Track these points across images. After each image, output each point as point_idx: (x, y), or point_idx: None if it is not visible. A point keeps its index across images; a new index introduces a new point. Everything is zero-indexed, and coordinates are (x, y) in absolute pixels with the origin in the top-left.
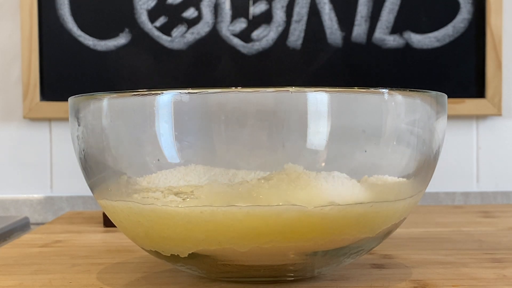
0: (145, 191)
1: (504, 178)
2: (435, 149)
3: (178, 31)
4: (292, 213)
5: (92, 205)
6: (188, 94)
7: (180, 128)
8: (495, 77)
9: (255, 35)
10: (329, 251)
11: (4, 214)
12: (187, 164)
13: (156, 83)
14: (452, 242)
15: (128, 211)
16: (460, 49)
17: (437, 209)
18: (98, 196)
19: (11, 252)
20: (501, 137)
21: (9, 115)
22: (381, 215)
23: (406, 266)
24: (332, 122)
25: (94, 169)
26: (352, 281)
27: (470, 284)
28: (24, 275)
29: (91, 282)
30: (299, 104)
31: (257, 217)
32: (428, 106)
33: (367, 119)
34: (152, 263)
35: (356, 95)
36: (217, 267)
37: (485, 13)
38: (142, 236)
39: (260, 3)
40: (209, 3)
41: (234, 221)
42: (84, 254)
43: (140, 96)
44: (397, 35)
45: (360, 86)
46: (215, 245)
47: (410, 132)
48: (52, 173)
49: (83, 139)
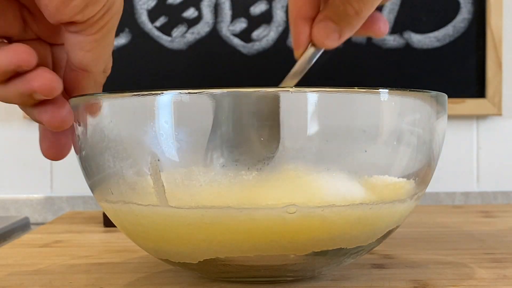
0: (145, 192)
1: (504, 178)
2: (435, 149)
3: (178, 31)
4: (292, 214)
5: (92, 205)
6: (188, 94)
7: (180, 128)
8: (495, 77)
9: (255, 35)
10: (329, 251)
11: (4, 214)
12: (188, 165)
13: (156, 83)
14: (452, 242)
15: (128, 212)
16: (460, 49)
17: (437, 209)
18: (98, 197)
19: (11, 252)
20: (501, 137)
21: (9, 115)
22: (381, 216)
23: (406, 266)
24: (332, 122)
25: (94, 169)
26: (352, 281)
27: (470, 284)
28: (24, 275)
29: (91, 282)
30: (299, 104)
31: (256, 218)
32: (428, 106)
33: (367, 119)
34: (152, 263)
35: (356, 95)
36: (217, 267)
37: (485, 13)
38: (143, 237)
39: (260, 3)
40: (209, 3)
41: (234, 222)
42: (84, 254)
43: (140, 96)
44: (397, 35)
45: (360, 86)
46: (216, 245)
47: (411, 132)
48: (52, 173)
49: (83, 139)
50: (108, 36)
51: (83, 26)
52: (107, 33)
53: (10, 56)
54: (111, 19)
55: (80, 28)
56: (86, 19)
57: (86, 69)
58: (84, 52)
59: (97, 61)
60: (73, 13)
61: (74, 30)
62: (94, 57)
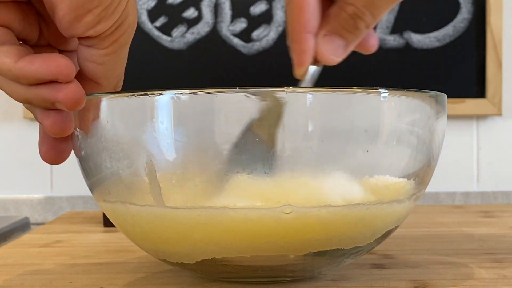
0: (142, 192)
1: (504, 178)
2: (435, 149)
3: (178, 31)
4: (288, 214)
5: (92, 205)
6: (188, 94)
7: (180, 128)
8: (495, 77)
9: (255, 35)
10: (327, 252)
11: (4, 214)
12: (186, 165)
13: (156, 83)
14: (452, 242)
15: (125, 212)
16: (460, 49)
17: (437, 209)
18: (97, 197)
19: (11, 252)
20: (501, 137)
21: (9, 115)
22: (379, 216)
23: (406, 266)
24: (331, 122)
25: (93, 169)
26: (352, 281)
27: (470, 284)
28: (24, 275)
29: (91, 282)
30: (298, 104)
31: (253, 218)
32: (428, 106)
33: (367, 119)
34: (152, 263)
35: (355, 95)
36: (216, 267)
37: (485, 13)
38: (141, 237)
39: (260, 3)
40: (209, 3)
41: (232, 222)
42: (84, 254)
43: (139, 96)
44: (397, 35)
45: (360, 86)
46: (212, 246)
47: (410, 132)
48: (52, 173)
49: (82, 139)
50: (121, 51)
51: (95, 41)
52: (119, 48)
53: (50, 66)
54: (124, 34)
55: (92, 43)
56: (98, 34)
57: (97, 81)
58: (96, 65)
59: (108, 75)
60: (85, 28)
61: (86, 44)
62: (105, 70)
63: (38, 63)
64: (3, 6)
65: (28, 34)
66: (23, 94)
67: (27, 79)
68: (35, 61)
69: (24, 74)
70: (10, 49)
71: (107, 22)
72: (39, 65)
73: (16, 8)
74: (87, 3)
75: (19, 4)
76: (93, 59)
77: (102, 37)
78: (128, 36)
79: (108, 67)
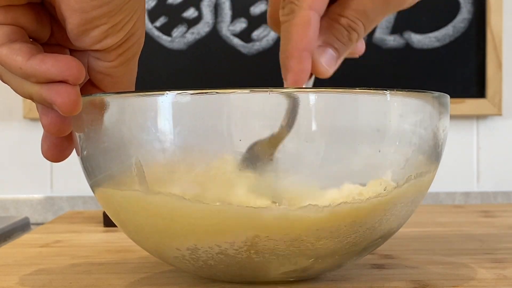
0: (145, 192)
1: (504, 178)
2: (437, 150)
3: (178, 31)
4: (289, 214)
5: (92, 205)
6: (188, 95)
7: (181, 128)
8: (495, 77)
9: (255, 35)
10: (328, 252)
11: (4, 214)
12: (187, 165)
13: (156, 83)
14: (452, 242)
15: (126, 213)
16: (460, 49)
17: (437, 209)
18: (98, 197)
19: (11, 252)
20: (501, 137)
21: (9, 115)
22: (381, 216)
23: (406, 266)
24: (333, 123)
25: (95, 169)
26: (352, 281)
27: (470, 284)
28: (24, 275)
29: (91, 282)
30: (299, 104)
31: (253, 218)
32: (430, 106)
33: (369, 120)
34: (152, 264)
35: (358, 96)
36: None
37: (485, 13)
38: (143, 237)
39: (260, 3)
40: (209, 3)
41: (231, 222)
42: (84, 254)
43: (140, 96)
44: (397, 35)
45: (360, 86)
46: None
47: (413, 132)
48: (52, 173)
49: (84, 139)
50: (128, 64)
51: (102, 54)
52: (125, 61)
53: (61, 66)
54: (130, 48)
55: (99, 55)
56: (104, 48)
57: (106, 91)
58: (103, 76)
59: (117, 86)
60: (92, 42)
61: (94, 55)
62: (113, 81)
63: (50, 62)
64: (18, 8)
65: (40, 34)
66: (27, 89)
67: (36, 78)
68: (47, 61)
69: (35, 73)
70: (22, 46)
71: (113, 38)
72: (51, 65)
73: (31, 9)
74: (96, 20)
75: (33, 5)
76: (101, 70)
77: (108, 51)
78: (135, 50)
79: (116, 79)
